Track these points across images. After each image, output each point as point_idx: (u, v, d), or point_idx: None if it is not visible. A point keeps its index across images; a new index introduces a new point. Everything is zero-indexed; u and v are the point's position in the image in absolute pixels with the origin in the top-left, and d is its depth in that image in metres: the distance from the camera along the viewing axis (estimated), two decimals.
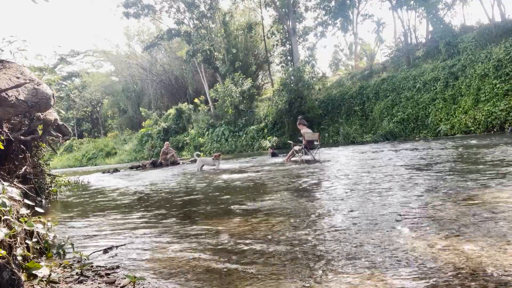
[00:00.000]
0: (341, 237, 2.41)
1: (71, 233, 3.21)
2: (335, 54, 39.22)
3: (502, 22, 16.30)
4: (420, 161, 6.34)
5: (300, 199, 3.94)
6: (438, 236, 2.23)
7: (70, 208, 4.98)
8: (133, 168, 13.66)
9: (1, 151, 3.59)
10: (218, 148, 22.43)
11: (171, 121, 28.50)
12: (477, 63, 14.03)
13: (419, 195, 3.48)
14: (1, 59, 3.90)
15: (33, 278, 1.91)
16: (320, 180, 5.40)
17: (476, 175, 4.21)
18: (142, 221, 3.61)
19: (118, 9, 29.44)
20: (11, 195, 2.20)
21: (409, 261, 1.88)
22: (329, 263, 1.97)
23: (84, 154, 34.90)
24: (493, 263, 1.75)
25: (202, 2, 26.67)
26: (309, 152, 9.27)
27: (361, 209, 3.13)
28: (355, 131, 17.33)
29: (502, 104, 12.34)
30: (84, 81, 42.15)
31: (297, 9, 26.09)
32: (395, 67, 19.56)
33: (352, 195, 3.86)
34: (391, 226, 2.53)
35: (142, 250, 2.55)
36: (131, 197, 5.60)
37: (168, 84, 36.03)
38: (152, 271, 2.09)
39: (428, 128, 14.91)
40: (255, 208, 3.62)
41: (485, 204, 2.88)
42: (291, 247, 2.29)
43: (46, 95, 3.88)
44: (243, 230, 2.81)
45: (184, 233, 2.91)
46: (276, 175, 6.64)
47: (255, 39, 29.98)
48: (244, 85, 23.39)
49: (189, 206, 4.28)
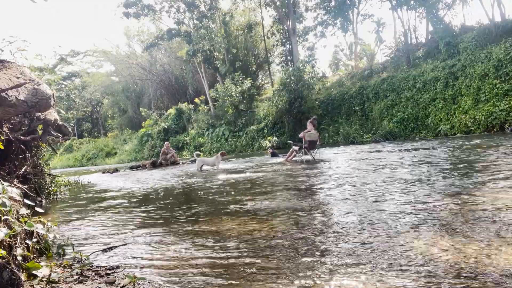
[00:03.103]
0: (341, 237, 2.41)
1: (71, 233, 3.21)
2: (335, 54, 39.29)
3: (502, 22, 16.29)
4: (420, 161, 6.34)
5: (300, 199, 3.94)
6: (438, 236, 2.23)
7: (70, 208, 4.98)
8: (133, 168, 13.65)
9: (1, 151, 3.59)
10: (218, 148, 22.42)
11: (171, 121, 28.50)
12: (477, 63, 14.03)
13: (419, 195, 3.48)
14: (1, 59, 3.90)
15: (33, 278, 1.91)
16: (319, 180, 5.40)
17: (477, 175, 4.21)
18: (142, 221, 3.61)
19: (118, 9, 29.37)
20: (11, 195, 2.20)
21: (410, 261, 1.87)
22: (329, 263, 1.97)
23: (84, 154, 34.92)
24: (493, 263, 1.75)
25: (202, 2, 26.67)
26: (309, 152, 9.27)
27: (361, 209, 3.13)
28: (355, 131, 17.33)
29: (502, 104, 12.34)
30: (84, 81, 42.14)
31: (297, 9, 26.10)
32: (395, 67, 19.56)
33: (351, 195, 3.86)
34: (391, 226, 2.53)
35: (142, 250, 2.55)
36: (131, 197, 5.60)
37: (168, 84, 36.02)
38: (152, 271, 2.09)
39: (428, 128, 14.91)
40: (255, 209, 3.62)
41: (485, 204, 2.88)
42: (291, 247, 2.29)
43: (46, 95, 3.88)
44: (243, 230, 2.81)
45: (184, 233, 2.91)
46: (276, 176, 6.64)
47: (255, 39, 29.98)
48: (244, 85, 23.39)
49: (189, 206, 4.28)
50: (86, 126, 49.77)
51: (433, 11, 18.34)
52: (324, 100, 20.61)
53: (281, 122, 20.88)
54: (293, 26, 25.22)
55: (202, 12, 26.81)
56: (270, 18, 28.47)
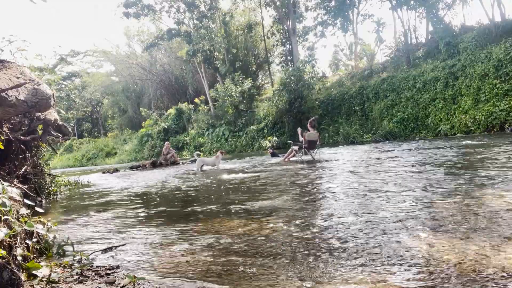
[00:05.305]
0: (341, 237, 2.40)
1: (71, 233, 3.21)
2: (335, 54, 39.29)
3: (502, 22, 16.29)
4: (419, 161, 6.34)
5: (300, 199, 3.94)
6: (438, 236, 2.23)
7: (70, 208, 4.98)
8: (133, 168, 13.64)
9: (1, 151, 3.59)
10: (218, 148, 22.41)
11: (171, 121, 28.49)
12: (477, 63, 14.03)
13: (419, 195, 3.48)
14: (1, 59, 3.90)
15: (33, 278, 1.91)
16: (319, 180, 5.39)
17: (477, 175, 4.21)
18: (142, 221, 3.61)
19: (118, 9, 29.34)
20: (11, 195, 2.20)
21: (410, 261, 1.87)
22: (329, 263, 1.96)
23: (84, 154, 34.90)
24: (493, 263, 1.75)
25: (202, 2, 26.65)
26: (309, 152, 9.27)
27: (360, 209, 3.13)
28: (355, 131, 17.33)
29: (502, 104, 12.34)
30: (84, 81, 42.11)
31: (297, 9, 26.08)
32: (395, 67, 19.56)
33: (351, 195, 3.85)
34: (391, 226, 2.53)
35: (142, 250, 2.55)
36: (131, 197, 5.60)
37: (168, 84, 36.00)
38: (152, 271, 2.09)
39: (428, 128, 14.91)
40: (255, 208, 3.62)
41: (485, 204, 2.88)
42: (291, 247, 2.29)
43: (46, 95, 3.88)
44: (243, 230, 2.81)
45: (184, 233, 2.91)
46: (276, 176, 6.64)
47: (255, 39, 29.96)
48: (244, 85, 23.38)
49: (189, 206, 4.27)
50: (86, 126, 49.74)
51: (433, 11, 18.33)
52: (324, 100, 20.61)
53: (281, 122, 20.87)
54: (293, 26, 25.21)
55: (202, 12, 26.80)
56: (270, 18, 28.48)
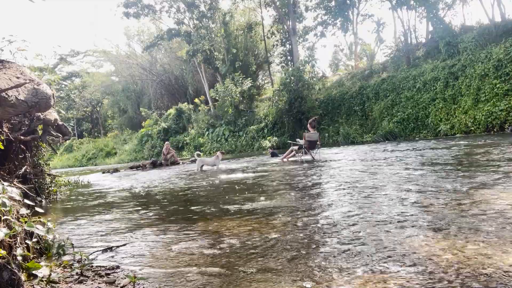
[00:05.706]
0: (341, 237, 2.40)
1: (71, 233, 3.21)
2: (335, 54, 39.25)
3: (502, 22, 16.28)
4: (419, 161, 6.34)
5: (300, 199, 3.94)
6: (438, 236, 2.23)
7: (70, 208, 4.98)
8: (133, 168, 13.65)
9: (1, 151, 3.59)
10: (218, 148, 22.42)
11: (171, 121, 28.49)
12: (477, 63, 14.02)
13: (419, 195, 3.48)
14: (1, 59, 3.90)
15: (33, 278, 1.91)
16: (319, 180, 5.40)
17: (477, 175, 4.21)
18: (142, 221, 3.61)
19: (118, 9, 29.39)
20: (11, 195, 2.20)
21: (410, 261, 1.87)
22: (329, 262, 1.96)
23: (84, 154, 34.92)
24: (492, 263, 1.75)
25: (202, 2, 26.65)
26: (309, 152, 9.27)
27: (360, 209, 3.13)
28: (355, 131, 17.33)
29: (502, 104, 12.33)
30: (84, 81, 42.11)
31: (297, 9, 26.08)
32: (395, 67, 19.55)
33: (351, 195, 3.85)
34: (391, 226, 2.53)
35: (142, 250, 2.55)
36: (131, 197, 5.60)
37: (168, 84, 36.01)
38: (152, 271, 2.09)
39: (428, 128, 14.91)
40: (255, 209, 3.62)
41: (485, 204, 2.88)
42: (291, 247, 2.29)
43: (46, 95, 3.88)
44: (243, 230, 2.81)
45: (184, 233, 2.91)
46: (276, 176, 6.64)
47: (255, 39, 29.96)
48: (244, 85, 23.38)
49: (189, 206, 4.28)
50: (86, 126, 49.74)
51: (433, 11, 18.32)
52: (324, 100, 20.61)
53: (281, 122, 20.87)
54: (293, 26, 25.20)
55: (202, 12, 26.79)
56: (270, 18, 28.49)
